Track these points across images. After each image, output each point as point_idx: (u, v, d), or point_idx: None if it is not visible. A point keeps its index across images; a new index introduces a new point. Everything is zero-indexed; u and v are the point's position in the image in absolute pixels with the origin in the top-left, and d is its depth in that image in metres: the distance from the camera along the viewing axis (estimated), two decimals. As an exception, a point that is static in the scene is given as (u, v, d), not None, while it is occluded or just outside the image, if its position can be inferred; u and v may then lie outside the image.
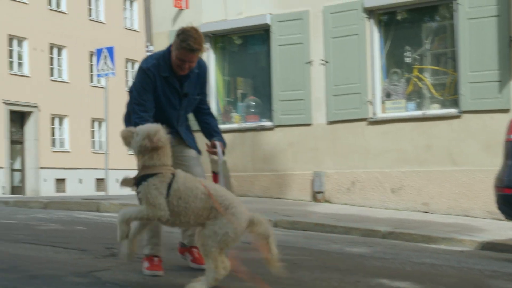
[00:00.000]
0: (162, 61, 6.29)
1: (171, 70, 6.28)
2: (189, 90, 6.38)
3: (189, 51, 6.06)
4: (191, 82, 6.38)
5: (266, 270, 7.18)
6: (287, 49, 17.08)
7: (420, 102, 15.79)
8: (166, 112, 6.28)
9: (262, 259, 5.51)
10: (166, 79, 6.26)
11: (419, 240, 11.36)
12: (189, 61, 6.14)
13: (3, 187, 33.80)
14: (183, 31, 6.14)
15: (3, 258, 7.29)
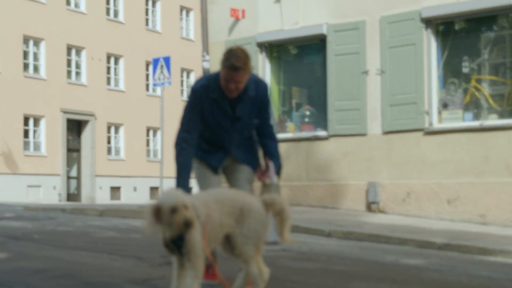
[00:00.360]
0: (212, 83, 6.11)
1: (222, 92, 6.06)
2: (242, 114, 6.13)
3: (232, 69, 5.85)
4: (245, 106, 6.13)
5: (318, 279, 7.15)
6: (343, 58, 17.02)
7: (478, 112, 15.60)
8: (217, 134, 6.13)
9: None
10: (215, 101, 6.07)
11: (475, 252, 11.20)
12: (233, 80, 5.90)
13: (59, 194, 34.24)
14: (228, 50, 6.00)
15: (60, 265, 7.39)
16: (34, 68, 34.31)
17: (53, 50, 34.65)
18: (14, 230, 11.25)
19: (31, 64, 34.13)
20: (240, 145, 6.26)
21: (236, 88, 5.95)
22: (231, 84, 5.91)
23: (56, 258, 7.95)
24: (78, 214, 16.81)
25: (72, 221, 13.88)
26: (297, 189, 17.59)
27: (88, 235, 10.91)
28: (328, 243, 11.57)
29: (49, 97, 34.21)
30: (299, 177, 17.62)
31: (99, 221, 14.34)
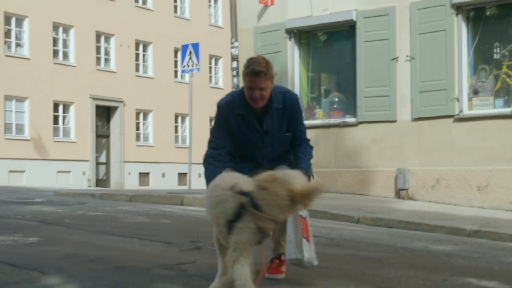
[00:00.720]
0: (237, 98, 6.01)
1: (247, 107, 5.96)
2: (270, 127, 6.02)
3: (254, 75, 5.75)
4: (273, 119, 6.02)
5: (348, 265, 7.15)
6: (373, 45, 16.93)
7: (509, 99, 15.45)
8: (248, 150, 5.99)
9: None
10: (241, 116, 5.97)
11: (506, 239, 11.13)
12: (256, 87, 5.79)
13: (88, 180, 34.49)
14: (249, 59, 5.89)
15: (91, 249, 7.45)
16: (63, 54, 34.52)
17: (82, 37, 34.85)
18: (45, 215, 11.35)
19: (61, 51, 34.35)
20: (274, 159, 6.08)
21: (261, 97, 5.85)
22: (255, 92, 5.80)
23: (87, 243, 8.01)
24: (107, 199, 16.91)
25: (101, 206, 13.96)
26: (326, 176, 17.56)
27: (118, 220, 10.97)
28: (357, 229, 11.55)
29: (78, 83, 34.43)
30: (328, 163, 17.59)
31: (129, 206, 14.42)
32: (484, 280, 6.75)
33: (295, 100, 6.18)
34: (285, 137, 6.09)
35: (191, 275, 5.96)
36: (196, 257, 7.07)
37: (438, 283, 6.41)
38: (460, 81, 15.75)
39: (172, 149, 39.19)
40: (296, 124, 6.14)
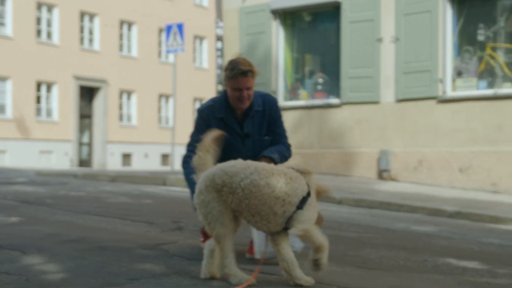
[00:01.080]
0: (218, 103, 6.03)
1: (229, 111, 5.98)
2: (251, 130, 6.03)
3: (242, 75, 5.77)
4: (254, 122, 6.04)
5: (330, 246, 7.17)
6: (358, 26, 16.92)
7: (492, 80, 15.50)
8: (228, 154, 5.75)
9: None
10: (222, 120, 5.98)
11: (487, 220, 11.20)
12: (244, 87, 5.81)
13: (71, 160, 34.36)
14: (229, 61, 5.90)
15: (73, 229, 7.43)
16: (47, 34, 34.29)
17: (66, 16, 34.61)
18: (27, 195, 11.31)
19: (44, 30, 34.11)
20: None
21: (248, 96, 5.87)
22: (243, 92, 5.82)
23: (69, 223, 7.99)
24: (90, 180, 16.87)
25: (84, 187, 13.93)
26: (309, 157, 17.59)
27: (100, 200, 10.95)
28: (339, 210, 11.59)
29: (62, 63, 34.22)
30: (311, 144, 17.62)
31: (111, 186, 14.39)
32: (464, 261, 6.79)
33: (274, 103, 6.19)
34: (265, 141, 6.09)
35: (172, 255, 5.96)
36: (178, 237, 7.07)
37: (418, 263, 6.45)
38: (444, 63, 15.78)
39: (156, 129, 39.09)
40: (275, 127, 6.15)
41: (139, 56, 38.33)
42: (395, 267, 6.20)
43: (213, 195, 4.90)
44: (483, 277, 6.00)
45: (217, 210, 4.88)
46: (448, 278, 5.83)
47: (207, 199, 4.91)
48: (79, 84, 35.14)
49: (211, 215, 4.89)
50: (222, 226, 4.87)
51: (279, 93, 18.30)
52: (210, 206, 4.90)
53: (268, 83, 18.18)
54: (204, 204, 4.92)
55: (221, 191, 4.89)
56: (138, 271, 5.21)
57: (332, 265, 6.03)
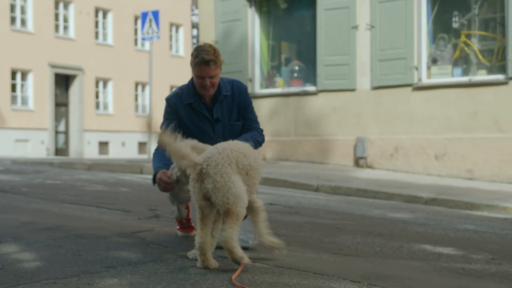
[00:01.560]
0: (185, 90, 6.06)
1: (196, 97, 6.00)
2: (220, 115, 6.05)
3: (204, 64, 5.77)
4: (223, 107, 6.06)
5: (307, 233, 7.20)
6: (333, 13, 16.94)
7: (467, 68, 15.59)
8: (199, 140, 5.72)
9: None
10: (190, 106, 6.01)
11: (462, 207, 11.29)
12: (207, 75, 5.82)
13: (47, 148, 34.20)
14: (195, 48, 5.91)
15: (48, 217, 7.41)
16: (21, 21, 34.02)
17: (40, 3, 34.35)
18: (2, 183, 11.26)
19: (19, 18, 33.84)
20: None
21: (211, 84, 5.88)
22: (205, 80, 5.84)
23: (45, 211, 7.97)
24: (66, 168, 16.81)
25: (60, 175, 13.88)
26: (285, 144, 17.63)
27: (76, 189, 10.92)
28: (316, 197, 11.63)
29: (37, 51, 33.99)
30: (288, 132, 17.65)
31: (87, 175, 14.35)
32: (439, 247, 6.84)
33: (243, 88, 6.18)
34: (235, 126, 6.11)
35: (149, 243, 5.97)
36: (154, 225, 7.08)
37: (394, 250, 6.49)
38: (419, 50, 15.84)
39: (132, 118, 38.97)
40: (246, 112, 6.16)
41: (115, 43, 38.16)
42: (371, 253, 6.24)
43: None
44: (458, 262, 6.06)
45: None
46: (424, 264, 5.88)
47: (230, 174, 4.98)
48: (54, 72, 34.94)
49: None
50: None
51: (255, 80, 18.30)
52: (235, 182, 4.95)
53: (244, 71, 18.18)
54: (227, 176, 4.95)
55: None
56: (115, 259, 5.21)
57: (308, 251, 6.07)
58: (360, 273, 5.21)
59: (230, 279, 4.64)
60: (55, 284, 4.37)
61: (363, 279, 4.98)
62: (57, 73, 35.22)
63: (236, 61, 18.20)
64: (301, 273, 5.01)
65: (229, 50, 18.35)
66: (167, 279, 4.59)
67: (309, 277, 4.90)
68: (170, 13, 39.19)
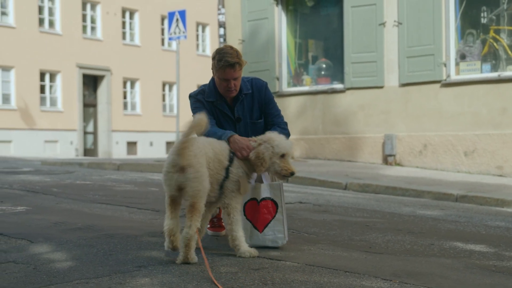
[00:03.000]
0: (207, 89, 6.11)
1: (218, 95, 6.05)
2: (242, 114, 6.11)
3: (229, 67, 5.82)
4: (244, 106, 6.12)
5: (336, 231, 7.18)
6: (360, 10, 16.88)
7: (496, 63, 15.46)
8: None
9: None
10: (213, 104, 6.07)
11: (493, 203, 11.20)
12: (232, 77, 5.88)
13: (76, 149, 34.40)
14: (217, 51, 5.94)
15: (79, 217, 7.45)
16: (49, 23, 34.26)
17: (68, 4, 34.57)
18: (33, 184, 11.34)
19: (47, 19, 34.08)
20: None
21: (235, 86, 5.95)
22: (230, 83, 5.89)
23: (75, 211, 8.02)
24: (95, 168, 16.90)
25: (89, 175, 13.96)
26: (313, 143, 17.60)
27: (106, 189, 10.97)
28: (345, 195, 11.60)
29: (65, 52, 34.21)
30: (316, 130, 17.62)
31: (117, 175, 14.42)
32: (471, 244, 6.80)
33: (263, 85, 6.23)
34: (257, 124, 6.15)
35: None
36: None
37: (425, 247, 6.46)
38: (448, 46, 15.74)
39: (160, 117, 39.09)
40: (268, 108, 6.20)
41: (142, 44, 38.30)
42: (401, 251, 6.21)
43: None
44: (490, 260, 6.01)
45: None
46: (455, 261, 5.84)
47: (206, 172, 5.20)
48: (82, 72, 35.14)
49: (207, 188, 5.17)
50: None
51: (282, 79, 18.28)
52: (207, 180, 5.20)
53: (271, 69, 18.17)
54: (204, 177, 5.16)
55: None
56: (146, 258, 5.24)
57: (338, 249, 6.05)
58: (391, 271, 5.19)
59: (261, 278, 4.64)
60: (87, 283, 4.40)
61: (394, 277, 4.96)
62: (85, 74, 35.42)
63: (263, 59, 18.21)
64: (331, 271, 5.00)
65: (256, 49, 18.36)
66: (198, 278, 4.60)
67: (340, 275, 4.89)
68: (197, 13, 39.28)
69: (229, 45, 6.01)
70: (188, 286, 4.39)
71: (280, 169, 5.47)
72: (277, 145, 5.47)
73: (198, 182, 5.06)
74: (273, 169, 5.52)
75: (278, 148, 5.47)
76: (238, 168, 5.47)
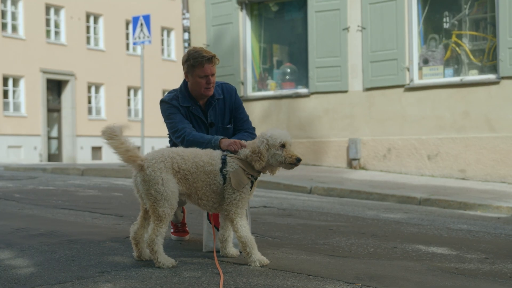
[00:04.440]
0: (180, 93, 6.08)
1: (192, 100, 6.04)
2: (214, 119, 6.10)
3: (207, 61, 5.84)
4: (216, 111, 6.12)
5: (300, 235, 7.21)
6: (324, 15, 16.96)
7: (458, 68, 15.62)
8: None
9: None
10: (188, 109, 6.03)
11: (455, 206, 11.31)
12: (211, 73, 5.88)
13: (40, 154, 34.14)
14: (189, 53, 5.95)
15: (42, 223, 7.40)
16: (12, 27, 33.97)
17: (31, 9, 34.30)
18: (-5, 190, 11.23)
19: (9, 24, 33.78)
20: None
21: (213, 83, 5.96)
22: (210, 78, 5.89)
23: (37, 217, 7.96)
24: (59, 174, 16.79)
25: (53, 181, 13.86)
26: (278, 147, 17.61)
27: (69, 194, 10.90)
28: (309, 199, 11.63)
29: (28, 57, 33.94)
30: (281, 134, 17.61)
31: (80, 180, 14.33)
32: (433, 247, 6.86)
33: (233, 90, 6.25)
34: (228, 129, 6.14)
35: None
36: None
37: (388, 250, 6.50)
38: (411, 51, 15.87)
39: (125, 122, 38.91)
40: (237, 113, 6.20)
41: (107, 48, 38.13)
42: (364, 254, 6.25)
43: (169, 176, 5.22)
44: (452, 262, 6.07)
45: (171, 190, 5.18)
46: (417, 264, 5.89)
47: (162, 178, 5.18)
48: (46, 77, 34.88)
49: (163, 193, 5.15)
50: (171, 206, 5.19)
51: (247, 83, 18.30)
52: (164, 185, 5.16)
53: (236, 74, 18.18)
54: (156, 181, 5.17)
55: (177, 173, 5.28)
56: (109, 263, 5.21)
57: (302, 253, 6.07)
58: (354, 274, 5.22)
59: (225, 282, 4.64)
60: (49, 289, 4.37)
61: (357, 280, 4.99)
62: (49, 78, 35.17)
63: (228, 64, 18.21)
64: (295, 275, 5.02)
65: (221, 54, 18.35)
66: (161, 283, 4.59)
67: (303, 279, 4.91)
68: (161, 17, 39.18)
69: (199, 46, 6.03)
70: (150, 291, 4.38)
71: (283, 159, 5.39)
72: (270, 136, 5.41)
73: (149, 184, 5.19)
74: (276, 161, 5.41)
75: (273, 139, 5.40)
76: (233, 167, 5.39)
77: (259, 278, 4.84)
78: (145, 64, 22.32)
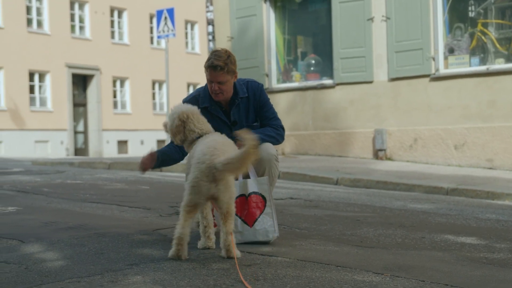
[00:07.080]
0: (202, 93, 6.07)
1: (212, 100, 6.01)
2: (238, 118, 6.06)
3: (212, 68, 5.79)
4: (239, 109, 6.07)
5: (327, 226, 7.20)
6: (348, 6, 16.90)
7: (484, 57, 15.51)
8: None
9: None
10: (207, 109, 5.97)
11: (483, 196, 11.24)
12: (215, 80, 5.82)
13: (67, 149, 34.34)
14: (212, 51, 5.93)
15: (70, 217, 7.44)
16: (37, 23, 34.18)
17: (56, 4, 34.49)
18: (23, 184, 11.31)
19: (35, 19, 33.99)
20: None
21: (220, 90, 5.88)
22: (214, 85, 5.85)
23: (66, 211, 8.00)
24: (86, 168, 16.88)
25: (80, 174, 13.94)
26: (304, 138, 17.61)
27: (96, 188, 10.96)
28: (335, 190, 11.61)
29: (53, 52, 34.14)
30: (306, 126, 17.63)
31: (107, 174, 14.40)
32: (462, 237, 6.82)
33: (258, 87, 6.19)
34: (253, 127, 6.08)
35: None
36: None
37: (416, 241, 6.47)
38: (436, 40, 15.77)
39: (150, 116, 39.06)
40: (263, 111, 6.16)
41: (131, 42, 38.26)
42: (392, 245, 6.22)
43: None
44: (481, 252, 6.03)
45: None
46: (446, 254, 5.86)
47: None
48: (71, 72, 35.08)
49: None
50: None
51: (271, 75, 18.29)
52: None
53: (260, 66, 18.18)
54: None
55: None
56: (137, 256, 5.23)
57: (329, 244, 6.06)
58: (382, 264, 5.20)
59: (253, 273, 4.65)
60: (79, 282, 4.39)
61: (386, 270, 4.97)
62: (74, 73, 35.36)
63: (252, 56, 18.21)
64: (323, 266, 5.01)
65: (245, 46, 18.36)
66: (190, 275, 4.60)
67: (331, 270, 4.90)
68: (185, 11, 39.23)
69: (225, 49, 5.97)
70: (180, 283, 4.39)
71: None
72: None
73: (231, 190, 5.13)
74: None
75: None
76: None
77: (287, 270, 4.84)
78: (169, 58, 22.37)
